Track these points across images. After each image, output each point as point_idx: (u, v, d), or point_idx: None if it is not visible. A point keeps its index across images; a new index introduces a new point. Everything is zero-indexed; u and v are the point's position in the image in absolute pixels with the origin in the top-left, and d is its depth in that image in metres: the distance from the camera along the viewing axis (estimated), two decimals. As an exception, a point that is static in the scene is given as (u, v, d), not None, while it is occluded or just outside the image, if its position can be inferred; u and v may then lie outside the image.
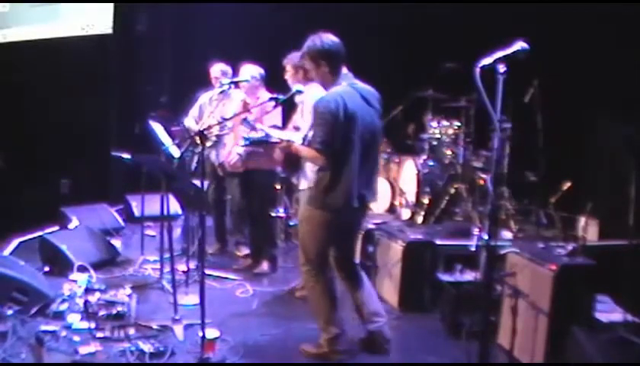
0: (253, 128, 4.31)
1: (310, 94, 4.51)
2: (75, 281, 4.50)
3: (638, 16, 5.10)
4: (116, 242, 5.78)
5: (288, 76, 4.63)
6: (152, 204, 5.58)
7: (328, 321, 3.63)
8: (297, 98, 4.54)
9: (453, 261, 4.50)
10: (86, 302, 4.10)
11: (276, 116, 5.03)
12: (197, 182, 4.12)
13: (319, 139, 3.37)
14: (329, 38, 3.50)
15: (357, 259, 3.84)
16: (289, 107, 4.71)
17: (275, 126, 5.00)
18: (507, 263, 3.78)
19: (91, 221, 6.00)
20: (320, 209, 3.52)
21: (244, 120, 4.22)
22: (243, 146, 3.62)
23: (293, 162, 4.57)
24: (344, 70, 3.56)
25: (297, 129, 4.30)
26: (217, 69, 5.65)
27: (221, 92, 5.44)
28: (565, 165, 5.45)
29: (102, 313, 4.06)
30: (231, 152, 5.23)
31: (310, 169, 4.54)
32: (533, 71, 4.99)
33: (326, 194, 3.47)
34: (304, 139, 3.77)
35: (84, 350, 3.54)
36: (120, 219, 6.66)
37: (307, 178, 4.55)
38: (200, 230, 3.94)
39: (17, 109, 6.72)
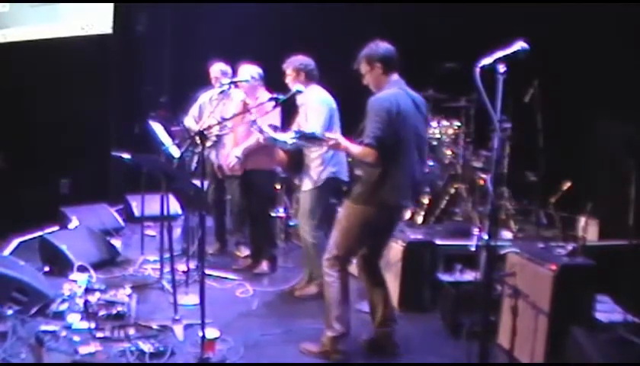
0: (261, 131, 4.32)
1: (312, 96, 4.52)
2: (75, 281, 4.50)
3: (638, 16, 5.10)
4: (116, 242, 5.77)
5: (289, 80, 4.64)
6: (152, 204, 5.58)
7: (338, 318, 3.64)
8: (299, 101, 4.54)
9: (453, 261, 4.50)
10: (86, 302, 4.10)
11: (275, 116, 5.02)
12: (197, 182, 4.12)
13: (372, 134, 3.42)
14: (385, 45, 3.65)
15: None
16: (290, 110, 4.71)
17: (274, 127, 5.01)
18: (507, 263, 3.78)
19: (91, 221, 6.00)
20: (368, 205, 3.56)
21: (254, 122, 4.22)
22: (293, 138, 3.59)
23: (296, 163, 4.57)
24: (396, 76, 3.65)
25: None
26: (217, 69, 5.65)
27: (221, 92, 5.44)
28: (565, 165, 5.45)
29: (102, 313, 4.06)
30: (229, 155, 5.22)
31: (313, 169, 4.54)
32: (533, 71, 4.99)
33: (376, 190, 3.52)
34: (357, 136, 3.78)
35: (84, 350, 3.54)
36: (120, 219, 6.66)
37: (310, 179, 4.56)
38: (200, 230, 3.93)
39: (17, 109, 6.72)
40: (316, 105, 4.49)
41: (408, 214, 5.94)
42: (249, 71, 5.21)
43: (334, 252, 3.67)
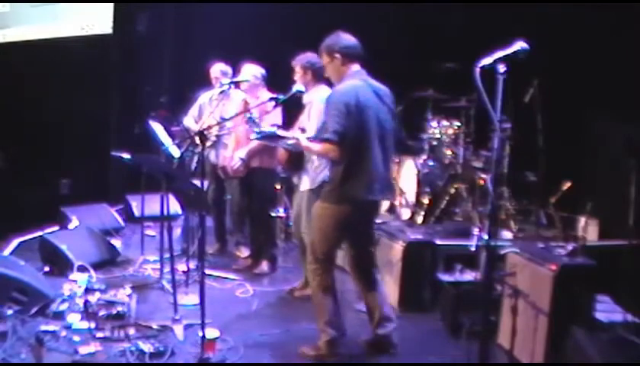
0: (257, 125, 4.31)
1: (318, 96, 4.51)
2: (75, 281, 4.49)
3: (638, 16, 5.10)
4: (116, 242, 5.77)
5: (297, 77, 4.63)
6: (151, 204, 5.58)
7: (328, 322, 3.62)
8: (305, 99, 4.53)
9: (453, 261, 4.50)
10: (86, 302, 4.10)
11: (277, 116, 5.03)
12: (197, 182, 4.12)
13: (332, 129, 3.38)
14: (346, 36, 3.62)
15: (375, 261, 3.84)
16: (293, 108, 4.71)
17: (275, 126, 5.01)
18: (507, 263, 3.78)
19: (91, 221, 6.00)
20: (337, 203, 3.51)
21: (249, 118, 4.22)
22: (254, 139, 3.62)
23: (296, 161, 4.57)
24: (358, 67, 3.59)
25: (303, 130, 4.31)
26: (217, 69, 5.65)
27: (221, 92, 5.45)
28: (565, 165, 5.44)
29: (102, 313, 4.06)
30: (232, 157, 5.22)
31: (312, 170, 4.54)
32: (533, 71, 4.99)
33: (343, 186, 3.47)
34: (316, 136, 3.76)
35: (84, 350, 3.54)
36: (120, 219, 6.66)
37: (310, 178, 4.56)
38: (200, 230, 3.93)
39: (17, 109, 6.72)
40: (319, 106, 4.48)
41: (407, 214, 5.94)
42: (252, 70, 5.21)
43: (311, 255, 3.65)
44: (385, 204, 6.22)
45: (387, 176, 3.65)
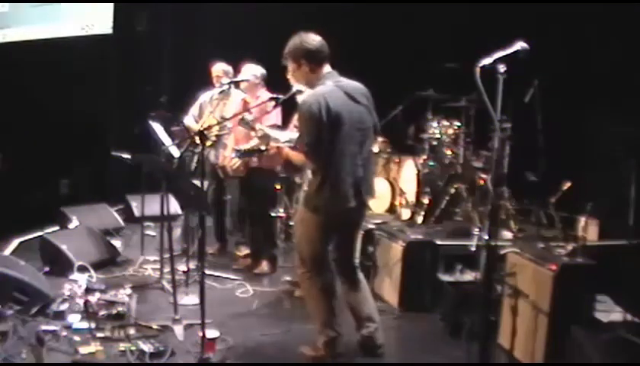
0: (252, 128, 4.31)
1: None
2: (75, 281, 4.49)
3: (638, 16, 5.10)
4: (116, 242, 5.77)
5: (290, 76, 4.61)
6: (151, 204, 5.58)
7: (324, 324, 3.61)
8: (298, 98, 4.53)
9: (453, 261, 4.50)
10: (86, 302, 4.10)
11: (277, 116, 5.03)
12: (197, 182, 4.12)
13: (305, 141, 3.36)
14: (310, 37, 3.47)
15: (357, 260, 3.80)
16: (289, 107, 4.71)
17: (275, 126, 5.01)
18: (507, 263, 3.78)
19: (91, 221, 6.00)
20: (313, 211, 3.49)
21: (242, 119, 4.21)
22: (235, 156, 3.63)
23: (293, 163, 4.57)
24: (328, 68, 3.50)
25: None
26: (219, 69, 5.65)
27: (221, 92, 5.45)
28: (565, 165, 5.44)
29: (102, 313, 4.06)
30: (231, 158, 5.22)
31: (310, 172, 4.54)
32: (533, 71, 4.99)
33: (317, 196, 3.44)
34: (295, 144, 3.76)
35: (84, 350, 3.54)
36: (120, 220, 6.66)
37: (308, 180, 4.56)
38: (200, 230, 3.93)
39: (17, 109, 6.72)
40: None
41: (407, 214, 5.94)
42: (252, 70, 5.21)
43: (300, 258, 3.63)
44: (384, 205, 6.23)
45: (367, 177, 3.57)
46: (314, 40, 3.46)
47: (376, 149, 5.87)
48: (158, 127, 5.21)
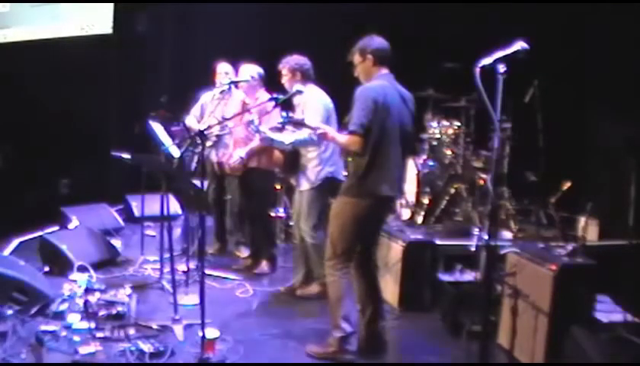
0: (257, 131, 4.32)
1: (310, 95, 4.51)
2: (75, 281, 4.49)
3: (638, 16, 5.10)
4: (116, 242, 5.77)
5: (285, 80, 4.64)
6: (151, 204, 5.58)
7: (344, 317, 3.61)
8: (295, 101, 4.54)
9: (453, 261, 4.50)
10: (86, 302, 4.10)
11: (276, 116, 5.02)
12: (197, 182, 4.12)
13: (358, 121, 3.44)
14: (380, 40, 3.68)
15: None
16: (288, 109, 4.71)
17: (276, 128, 5.00)
18: (507, 263, 3.79)
19: (91, 221, 6.00)
20: (358, 197, 3.55)
21: (251, 122, 4.22)
22: (281, 123, 3.63)
23: (292, 163, 4.57)
24: (386, 70, 3.66)
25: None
26: (223, 69, 5.64)
27: (222, 92, 5.45)
28: (565, 165, 5.44)
29: (102, 313, 4.06)
30: (232, 154, 5.22)
31: (311, 168, 4.55)
32: (533, 71, 4.99)
33: (365, 180, 3.52)
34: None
35: (84, 350, 3.54)
36: (120, 219, 6.66)
37: (308, 179, 4.56)
38: (200, 230, 3.93)
39: (17, 109, 6.72)
40: (313, 104, 4.49)
41: (407, 214, 5.95)
42: (249, 70, 5.21)
43: (332, 250, 3.64)
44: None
45: (401, 176, 3.75)
46: (384, 42, 3.69)
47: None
48: (158, 127, 5.20)
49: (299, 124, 3.71)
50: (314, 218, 4.57)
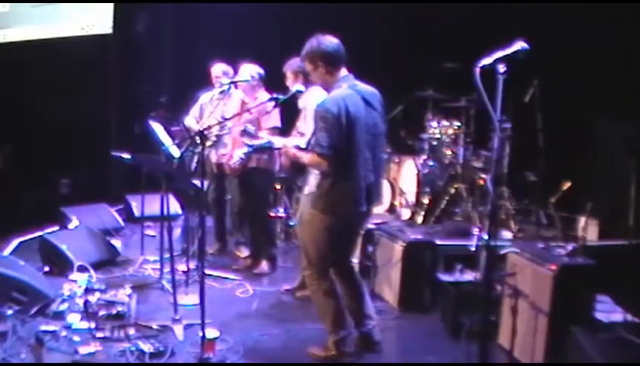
0: (254, 136, 4.30)
1: (312, 99, 4.50)
2: (75, 281, 4.49)
3: (638, 16, 5.10)
4: (116, 242, 5.77)
5: (289, 82, 4.64)
6: (151, 204, 5.58)
7: (334, 323, 3.61)
8: (300, 104, 4.53)
9: (453, 261, 4.49)
10: (86, 302, 4.10)
11: (276, 117, 5.03)
12: (197, 182, 4.12)
13: (324, 143, 3.32)
14: (327, 39, 3.47)
15: (355, 260, 3.81)
16: (292, 113, 4.71)
17: (275, 128, 5.01)
18: (507, 263, 3.78)
19: (91, 221, 6.00)
20: (324, 213, 3.49)
21: (244, 130, 4.20)
22: (246, 153, 3.64)
23: (299, 165, 4.56)
24: (344, 72, 3.52)
25: (302, 134, 4.30)
26: (218, 69, 5.65)
27: (221, 92, 5.45)
28: (565, 165, 5.44)
29: (102, 313, 4.06)
30: (232, 155, 5.22)
31: (315, 174, 4.53)
32: (533, 71, 4.99)
33: (331, 199, 3.44)
34: (307, 145, 3.75)
35: (84, 350, 3.54)
36: (120, 219, 6.66)
37: (310, 184, 4.55)
38: (200, 230, 3.93)
39: (17, 109, 6.73)
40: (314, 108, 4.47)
41: (407, 214, 5.95)
42: (249, 70, 5.21)
43: (305, 260, 3.63)
44: (384, 205, 6.23)
45: (377, 182, 3.61)
46: (331, 42, 3.46)
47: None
48: (158, 127, 5.20)
49: (265, 149, 3.72)
50: None
